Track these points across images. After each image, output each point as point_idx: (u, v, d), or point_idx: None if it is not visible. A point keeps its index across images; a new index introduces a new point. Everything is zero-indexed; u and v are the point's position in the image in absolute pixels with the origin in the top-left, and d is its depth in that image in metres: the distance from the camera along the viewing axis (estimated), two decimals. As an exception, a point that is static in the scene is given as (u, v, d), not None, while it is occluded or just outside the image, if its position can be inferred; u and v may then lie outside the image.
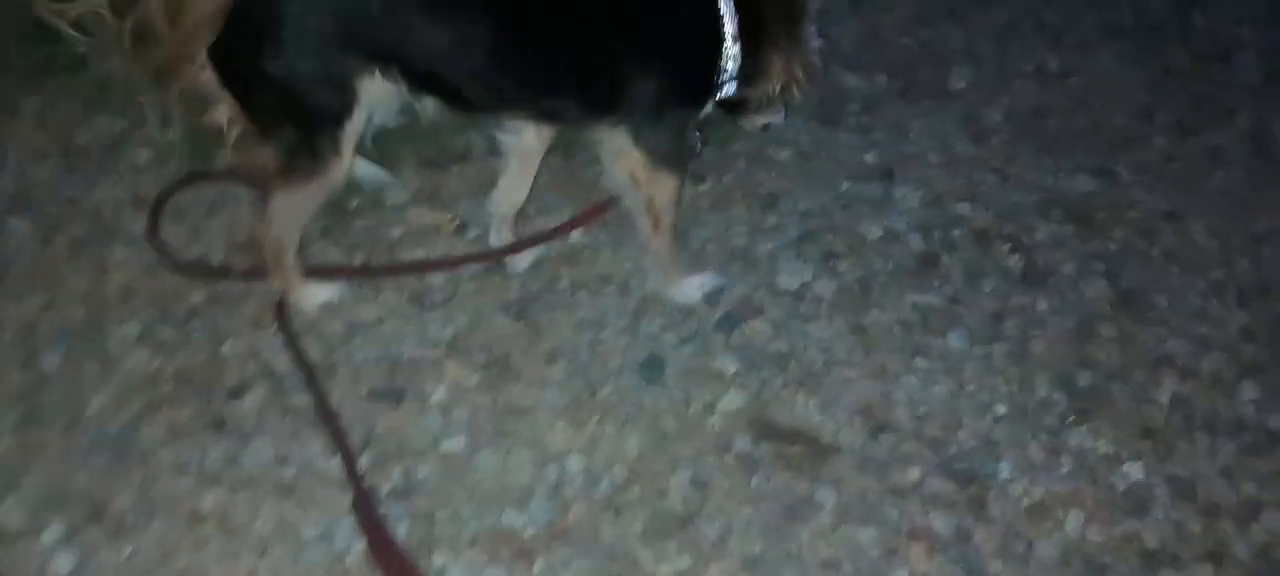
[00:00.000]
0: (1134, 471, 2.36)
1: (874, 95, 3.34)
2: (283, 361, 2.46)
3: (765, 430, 2.41)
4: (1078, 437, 2.43)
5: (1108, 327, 2.68)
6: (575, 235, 2.81)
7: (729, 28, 2.31)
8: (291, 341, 2.43)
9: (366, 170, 2.81)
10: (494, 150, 2.95)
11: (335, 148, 2.25)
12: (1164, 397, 2.52)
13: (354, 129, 2.27)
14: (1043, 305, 2.72)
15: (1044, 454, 2.39)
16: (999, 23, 3.69)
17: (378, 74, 2.22)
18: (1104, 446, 2.41)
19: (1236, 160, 3.24)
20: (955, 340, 2.63)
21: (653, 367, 2.51)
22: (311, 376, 2.37)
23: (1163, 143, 3.30)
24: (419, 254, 2.73)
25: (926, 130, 3.21)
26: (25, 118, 2.94)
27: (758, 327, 2.63)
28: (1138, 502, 2.30)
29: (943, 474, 2.34)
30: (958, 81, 3.42)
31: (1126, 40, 3.72)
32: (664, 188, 2.47)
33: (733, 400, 2.46)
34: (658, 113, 2.37)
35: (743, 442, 2.38)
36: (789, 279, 2.75)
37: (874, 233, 2.89)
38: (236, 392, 2.39)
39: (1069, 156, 3.19)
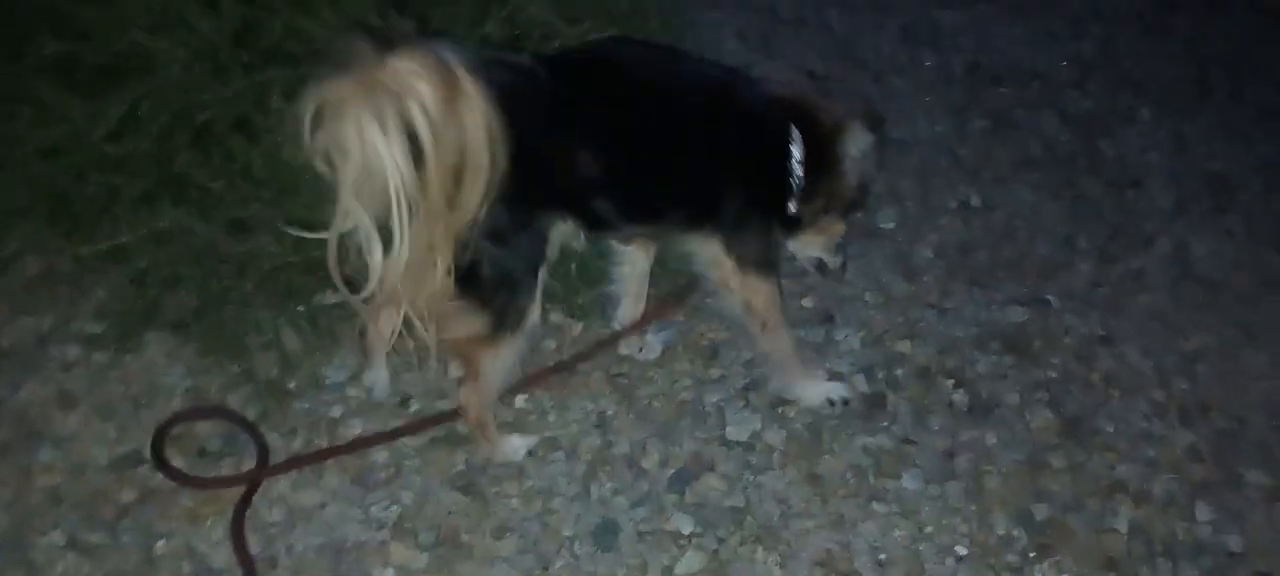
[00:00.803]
0: (1101, 604, 2.34)
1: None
2: (220, 557, 2.34)
3: (726, 591, 2.35)
4: (1041, 573, 2.40)
5: (1057, 457, 2.69)
6: (520, 400, 2.77)
7: (796, 151, 2.53)
8: (239, 540, 2.35)
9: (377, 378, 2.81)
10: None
11: (532, 297, 2.41)
12: (1121, 525, 2.52)
13: (545, 274, 2.45)
14: (992, 439, 2.73)
15: (1010, 593, 2.36)
16: (917, 162, 3.81)
17: (566, 221, 2.44)
18: (1068, 581, 2.39)
19: (1160, 283, 3.34)
20: (909, 481, 2.61)
21: (607, 534, 2.45)
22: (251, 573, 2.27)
23: (1088, 269, 3.40)
24: (357, 431, 2.66)
25: (861, 271, 3.26)
26: (-54, 320, 2.85)
27: (711, 483, 2.58)
28: (1108, 637, 2.27)
29: (910, 622, 2.29)
30: (886, 221, 3.50)
31: (1040, 172, 3.87)
32: (758, 291, 2.64)
33: (691, 562, 2.40)
34: (744, 221, 2.58)
35: (704, 606, 2.31)
36: (738, 430, 2.72)
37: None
38: (170, 595, 2.27)
39: (1000, 288, 3.26)
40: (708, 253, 2.62)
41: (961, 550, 2.45)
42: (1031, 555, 2.45)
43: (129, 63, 3.22)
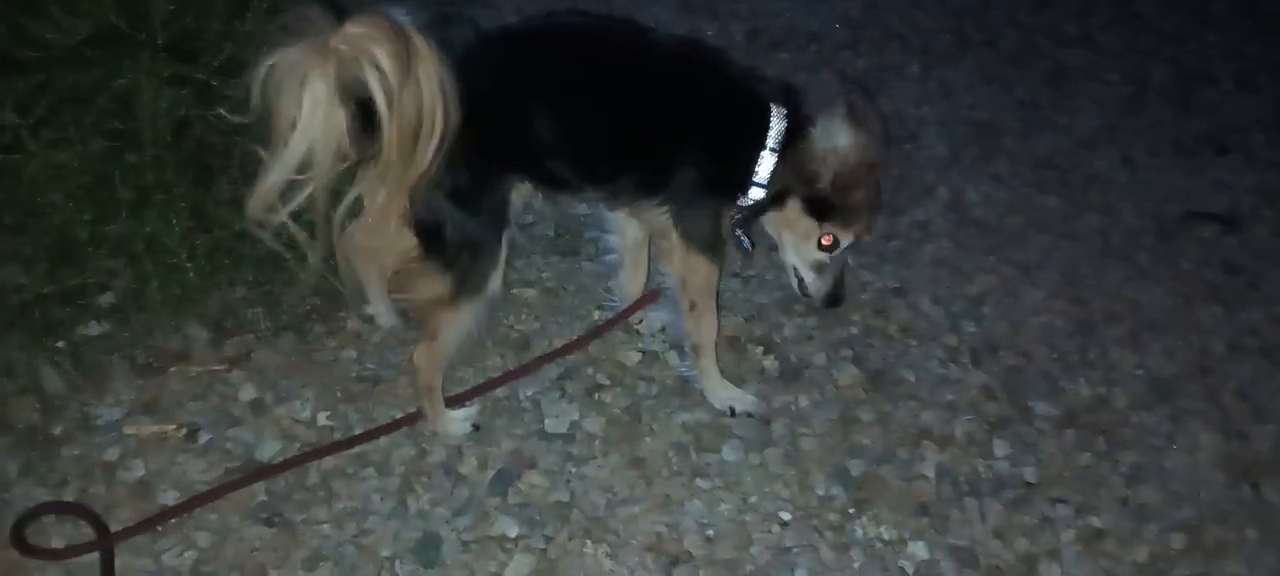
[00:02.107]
0: (918, 551, 2.42)
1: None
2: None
3: (559, 590, 2.28)
4: (862, 528, 2.46)
5: (866, 411, 2.77)
6: (322, 418, 2.60)
7: (772, 140, 2.46)
8: None
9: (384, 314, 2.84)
10: (217, 343, 2.74)
11: (495, 262, 2.41)
12: (929, 470, 2.62)
13: (509, 237, 2.45)
14: (804, 401, 2.78)
15: (834, 552, 2.40)
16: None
17: (524, 182, 2.44)
18: (887, 531, 2.46)
19: (943, 231, 3.49)
20: (730, 453, 2.62)
21: (429, 548, 2.33)
22: None
23: (877, 224, 3.50)
24: (142, 473, 2.41)
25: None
26: None
27: (533, 480, 2.51)
28: (929, 582, 2.36)
29: (743, 595, 2.30)
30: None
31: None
32: (697, 271, 2.59)
33: (519, 566, 2.32)
34: (693, 199, 2.51)
35: (538, 609, 2.24)
36: (557, 422, 2.66)
37: (633, 358, 2.87)
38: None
39: (799, 250, 3.32)
40: (657, 222, 2.56)
41: (785, 515, 2.48)
42: (851, 511, 2.51)
43: None
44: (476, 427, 2.62)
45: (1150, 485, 2.64)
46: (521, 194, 2.48)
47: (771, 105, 2.47)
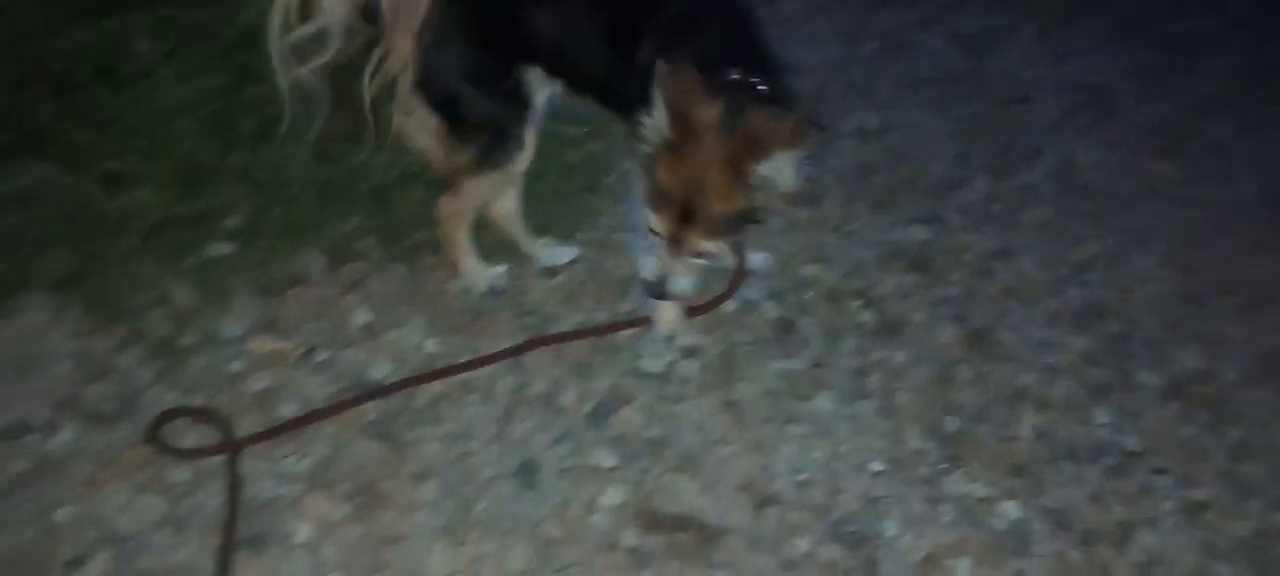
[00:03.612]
0: (1011, 510, 2.42)
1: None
2: (126, 522, 2.23)
3: (651, 521, 2.34)
4: (954, 484, 2.47)
5: (964, 370, 2.76)
6: (431, 345, 2.70)
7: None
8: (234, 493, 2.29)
9: (548, 253, 2.98)
10: (332, 269, 2.86)
11: (520, 143, 2.60)
12: (1026, 431, 2.60)
13: (535, 122, 2.61)
14: (901, 356, 2.79)
15: (925, 505, 2.42)
16: (812, 87, 3.82)
17: (533, 66, 2.54)
18: (979, 489, 2.46)
19: (1050, 195, 3.44)
20: (824, 402, 2.65)
21: (528, 472, 2.42)
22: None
23: (981, 185, 3.48)
24: (264, 386, 2.55)
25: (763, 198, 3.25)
26: None
27: (629, 416, 2.57)
28: (1019, 540, 2.36)
29: (832, 540, 2.33)
30: (787, 147, 3.50)
31: (930, 91, 3.93)
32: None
33: (614, 495, 2.39)
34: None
35: (630, 538, 2.31)
36: (653, 362, 2.71)
37: (729, 304, 2.90)
38: (75, 565, 2.15)
39: (900, 209, 3.31)
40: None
41: (877, 466, 2.50)
42: (943, 467, 2.51)
43: (-32, 11, 3.00)
44: (498, 291, 2.84)
45: (1255, 460, 2.58)
46: (536, 79, 2.56)
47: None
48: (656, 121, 2.20)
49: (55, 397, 2.46)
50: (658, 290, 2.43)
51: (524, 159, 2.65)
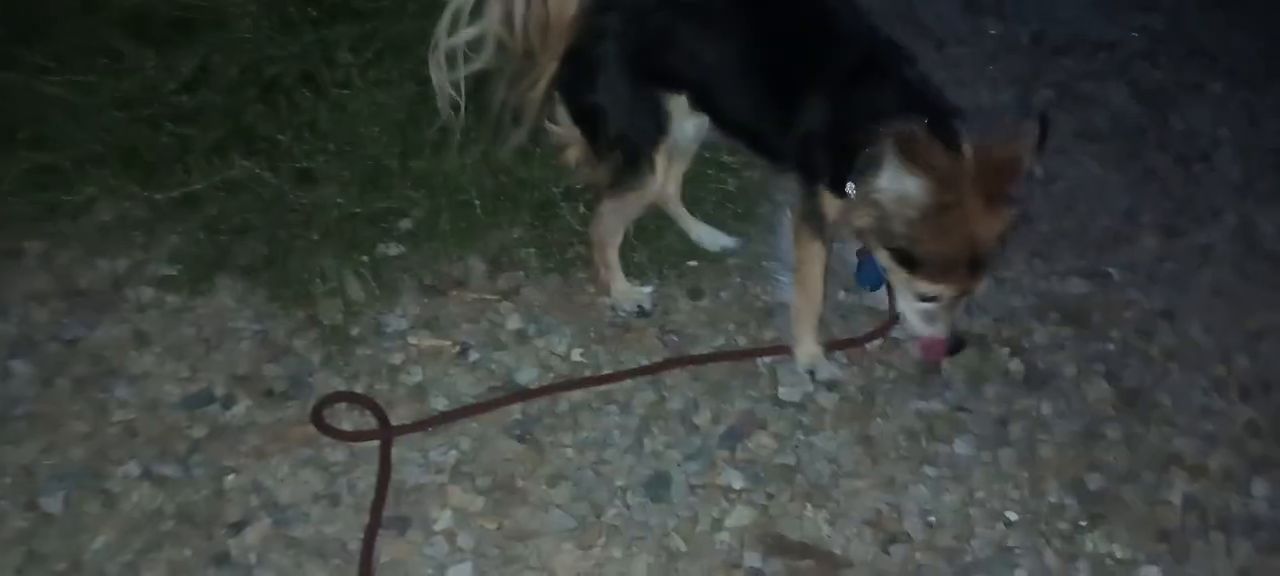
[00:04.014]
0: (1152, 575, 2.32)
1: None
2: (286, 492, 2.42)
3: (775, 545, 2.37)
4: (1092, 542, 2.40)
5: (1113, 429, 2.67)
6: (576, 354, 2.82)
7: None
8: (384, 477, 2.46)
9: (709, 235, 3.11)
10: (492, 275, 3.02)
11: (651, 166, 2.66)
12: (1176, 498, 2.50)
13: (666, 150, 2.68)
14: (1047, 408, 2.72)
15: (1059, 560, 2.36)
16: (980, 132, 3.76)
17: (679, 97, 2.62)
18: (1119, 550, 2.38)
19: (1226, 258, 3.29)
20: (962, 447, 2.61)
21: (659, 485, 2.49)
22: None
23: (1152, 243, 3.35)
24: (420, 379, 2.72)
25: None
26: (27, 262, 2.94)
27: (762, 441, 2.61)
28: (1158, 607, 2.27)
29: (958, 584, 2.31)
30: (947, 190, 3.47)
31: (1105, 144, 3.81)
32: (803, 245, 2.65)
33: (740, 516, 2.43)
34: (810, 172, 2.53)
35: (753, 559, 2.35)
36: (791, 391, 2.74)
37: (874, 341, 2.90)
38: (238, 527, 2.35)
39: (1060, 260, 3.23)
40: (790, 186, 2.65)
41: (1012, 515, 2.45)
42: (1083, 524, 2.44)
43: (201, 17, 3.33)
44: (645, 312, 2.91)
45: None
46: (680, 109, 2.63)
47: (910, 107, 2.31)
48: (899, 194, 2.19)
49: (236, 372, 2.69)
50: (955, 344, 2.53)
51: (655, 184, 2.71)
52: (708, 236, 3.11)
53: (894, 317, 2.82)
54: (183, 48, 3.24)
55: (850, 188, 2.37)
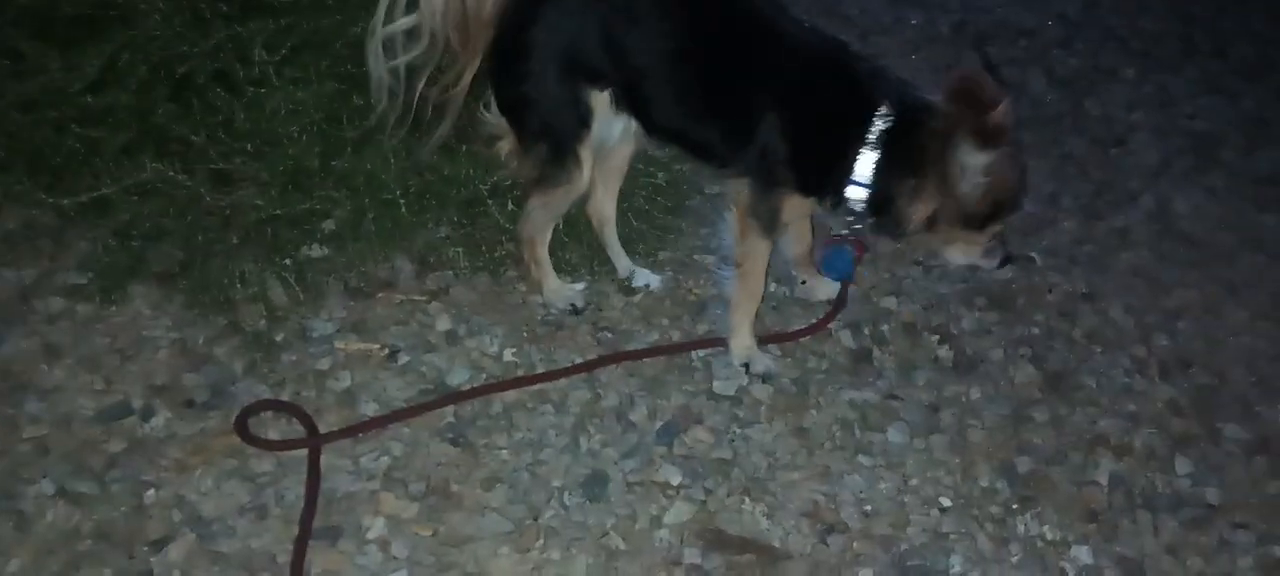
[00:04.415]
0: (1082, 555, 2.37)
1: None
2: (210, 506, 2.34)
3: (714, 541, 2.37)
4: (1024, 525, 2.43)
5: (1040, 411, 2.72)
6: (508, 354, 2.77)
7: (872, 135, 2.43)
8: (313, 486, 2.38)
9: (639, 273, 3.04)
10: (420, 275, 2.96)
11: (577, 161, 2.65)
12: (1103, 477, 2.55)
13: (591, 146, 2.66)
14: (976, 393, 2.76)
15: (993, 544, 2.39)
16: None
17: (603, 93, 2.61)
18: (1050, 532, 2.42)
19: (1143, 240, 3.37)
20: (895, 434, 2.64)
21: (596, 484, 2.46)
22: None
23: (1072, 227, 3.42)
24: (348, 384, 2.65)
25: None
26: (-71, 276, 2.82)
27: (699, 436, 2.60)
28: (1089, 585, 2.31)
29: (896, 572, 2.32)
30: (873, 179, 3.50)
31: (1026, 130, 3.86)
32: (750, 240, 2.66)
33: (679, 512, 2.41)
34: (762, 177, 2.56)
35: (692, 555, 2.33)
36: (726, 385, 2.74)
37: (807, 336, 2.91)
38: (160, 544, 2.26)
39: (985, 245, 3.27)
40: (733, 184, 2.65)
41: (945, 501, 2.48)
42: (1014, 507, 2.48)
43: (107, 14, 3.19)
44: (577, 310, 2.89)
45: (1346, 523, 2.49)
46: (602, 106, 2.62)
47: (880, 102, 2.43)
48: (980, 171, 2.33)
49: (154, 382, 2.60)
50: (1008, 257, 2.69)
51: (581, 179, 2.69)
52: (636, 273, 3.04)
53: (836, 310, 2.89)
54: (88, 46, 3.11)
55: (853, 192, 2.49)
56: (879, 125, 2.42)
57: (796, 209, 2.66)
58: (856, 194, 2.50)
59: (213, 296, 2.79)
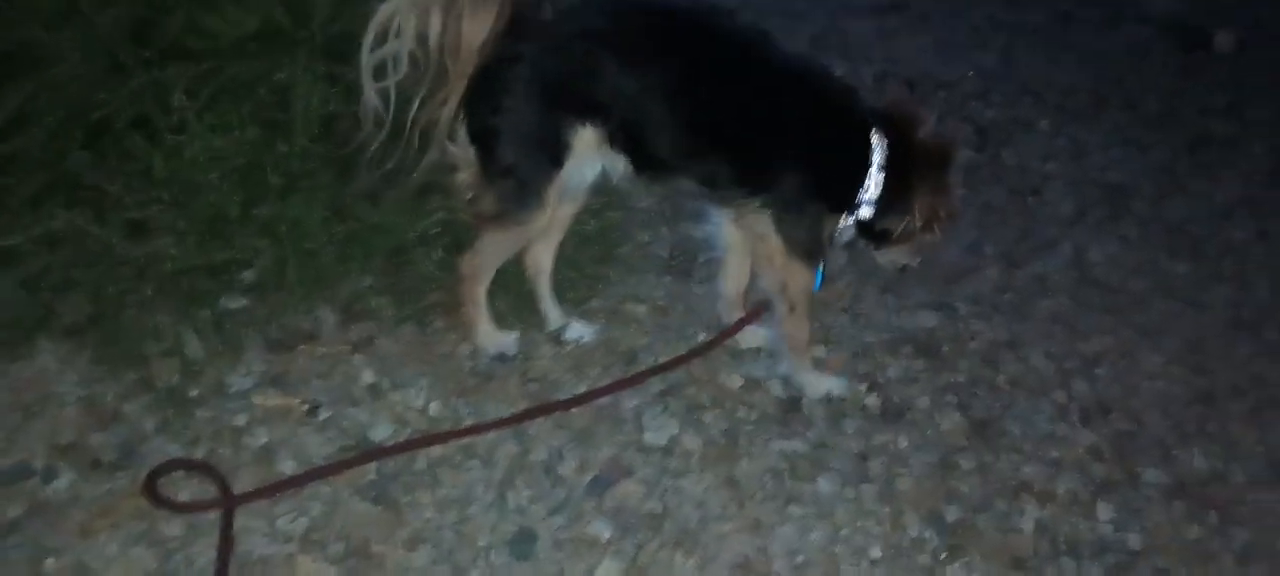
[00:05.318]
0: (1010, 604, 2.38)
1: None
2: (114, 573, 2.23)
3: (645, 597, 2.33)
4: (953, 574, 2.44)
5: (967, 459, 2.74)
6: (434, 408, 2.72)
7: (877, 156, 2.65)
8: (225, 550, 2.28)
9: (571, 328, 2.99)
10: (344, 326, 2.89)
11: (540, 201, 2.63)
12: (1027, 525, 2.57)
13: (559, 187, 2.64)
14: (904, 442, 2.77)
15: (922, 593, 2.39)
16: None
17: (586, 128, 2.59)
18: (978, 580, 2.43)
19: (1061, 287, 3.45)
20: (825, 484, 2.63)
21: (524, 542, 2.41)
22: None
23: (993, 274, 3.49)
24: (266, 441, 2.56)
25: (776, 277, 3.28)
26: None
27: (629, 488, 2.57)
28: (1017, 635, 2.32)
29: (826, 625, 2.31)
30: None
31: (949, 180, 3.95)
32: (796, 276, 2.75)
33: (609, 569, 2.37)
34: (799, 204, 2.68)
35: (623, 612, 2.29)
36: (656, 435, 2.71)
37: (735, 382, 2.91)
38: (63, 614, 2.16)
39: (910, 294, 3.32)
40: (758, 226, 2.70)
41: (876, 552, 2.48)
42: (943, 556, 2.48)
43: (20, 57, 3.09)
44: (506, 358, 2.86)
45: (1262, 565, 2.54)
46: (585, 143, 2.60)
47: (872, 127, 2.67)
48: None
49: (58, 442, 2.49)
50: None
51: (542, 219, 2.67)
52: (569, 326, 3.00)
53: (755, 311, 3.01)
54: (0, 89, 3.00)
55: (865, 210, 2.70)
56: (879, 146, 2.65)
57: (831, 226, 2.77)
58: (866, 212, 2.71)
59: (124, 350, 2.69)
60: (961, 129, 4.28)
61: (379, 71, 2.54)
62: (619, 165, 2.67)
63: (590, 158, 2.65)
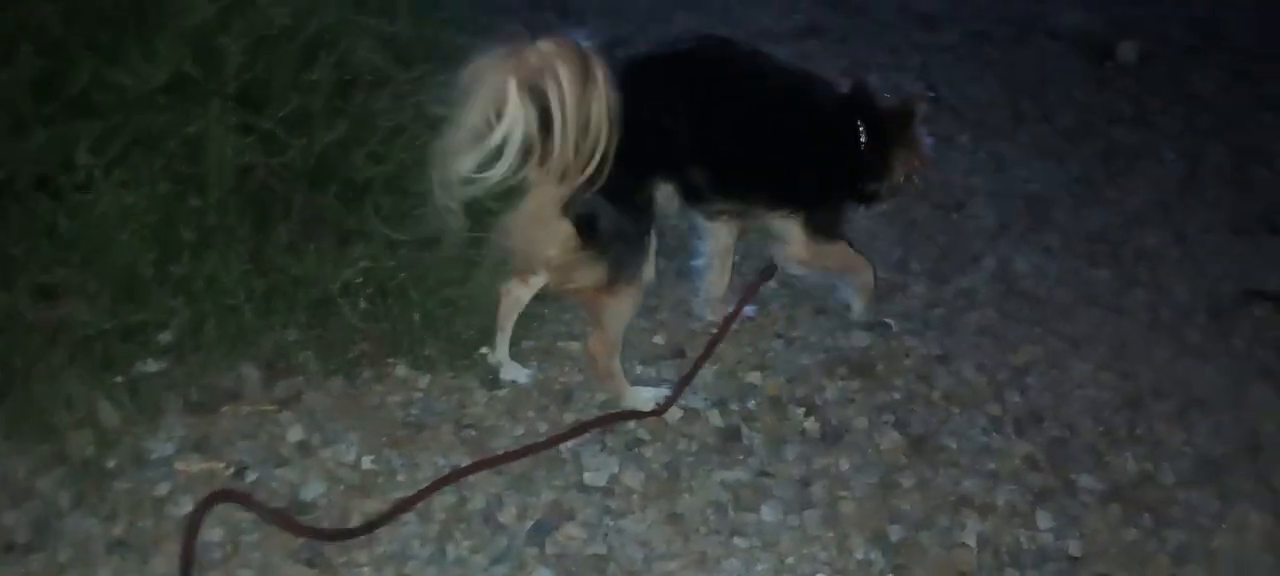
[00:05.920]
0: (957, 619, 2.38)
1: (656, 276, 3.38)
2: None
3: (592, 642, 2.28)
4: (899, 595, 2.44)
5: (907, 477, 2.75)
6: (366, 462, 2.64)
7: (862, 138, 2.96)
8: None
9: (511, 366, 2.99)
10: (268, 383, 2.81)
11: (645, 254, 2.73)
12: (970, 539, 2.58)
13: (653, 234, 2.75)
14: (845, 464, 2.77)
15: (871, 618, 2.38)
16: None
17: (667, 184, 2.74)
18: (925, 600, 2.43)
19: (989, 300, 3.49)
20: (769, 513, 2.61)
21: (465, 595, 2.35)
22: None
23: (922, 290, 3.52)
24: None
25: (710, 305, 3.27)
26: None
27: (571, 532, 2.52)
28: (966, 651, 2.32)
29: (777, 657, 2.28)
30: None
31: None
32: (830, 253, 3.09)
33: (554, 616, 2.33)
34: (826, 204, 3.03)
35: (570, 660, 2.24)
36: (596, 475, 2.67)
37: (673, 413, 2.88)
38: None
39: (842, 314, 3.33)
40: (788, 232, 3.00)
41: (823, 578, 2.47)
42: (889, 576, 2.49)
43: (-88, 118, 2.95)
44: (658, 402, 2.89)
45: (1197, 565, 2.58)
46: (665, 196, 2.75)
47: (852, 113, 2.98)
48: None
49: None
50: None
51: (650, 268, 2.76)
52: (504, 366, 2.98)
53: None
54: (-110, 152, 2.87)
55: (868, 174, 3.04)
56: (862, 130, 2.96)
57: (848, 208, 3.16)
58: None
59: (34, 423, 2.58)
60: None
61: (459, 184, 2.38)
62: (674, 204, 2.82)
63: (665, 207, 2.78)
